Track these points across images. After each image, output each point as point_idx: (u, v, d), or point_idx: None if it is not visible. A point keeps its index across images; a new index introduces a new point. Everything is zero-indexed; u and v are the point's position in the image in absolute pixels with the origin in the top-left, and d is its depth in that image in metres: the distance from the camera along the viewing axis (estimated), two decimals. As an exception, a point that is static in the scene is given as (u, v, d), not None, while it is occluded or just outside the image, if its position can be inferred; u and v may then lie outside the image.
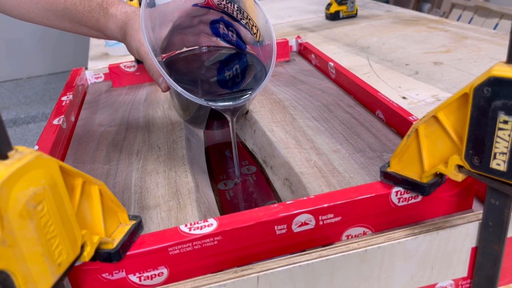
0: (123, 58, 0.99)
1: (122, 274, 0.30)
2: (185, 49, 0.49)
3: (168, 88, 0.44)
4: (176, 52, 0.49)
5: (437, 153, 0.30)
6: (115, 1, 0.49)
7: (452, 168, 0.29)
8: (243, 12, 0.44)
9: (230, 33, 0.47)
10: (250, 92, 0.42)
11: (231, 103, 0.41)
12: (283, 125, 0.52)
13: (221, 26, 0.47)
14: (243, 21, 0.45)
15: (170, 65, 0.47)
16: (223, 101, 0.41)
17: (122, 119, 0.58)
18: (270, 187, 0.47)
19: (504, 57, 0.25)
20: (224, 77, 0.46)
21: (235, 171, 0.47)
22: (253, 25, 0.44)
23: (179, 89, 0.37)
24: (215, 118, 0.46)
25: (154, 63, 0.38)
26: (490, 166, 0.26)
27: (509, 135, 0.25)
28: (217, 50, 0.50)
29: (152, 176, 0.43)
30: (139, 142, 0.51)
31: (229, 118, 0.43)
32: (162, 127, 0.54)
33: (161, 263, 0.30)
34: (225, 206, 0.46)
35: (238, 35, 0.47)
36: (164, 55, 0.47)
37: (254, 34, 0.45)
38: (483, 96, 0.25)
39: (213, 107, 0.41)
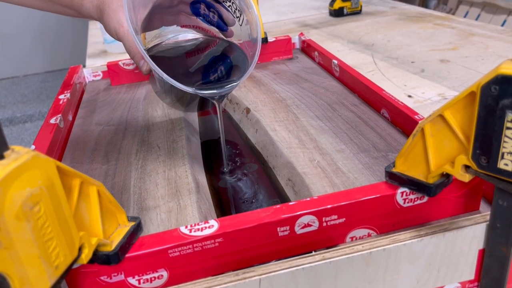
0: (122, 55, 0.99)
1: (121, 276, 0.29)
2: (164, 29, 0.49)
3: (149, 71, 0.44)
4: (157, 41, 0.48)
5: (443, 153, 0.29)
6: None
7: (458, 168, 0.28)
8: None
9: (211, 13, 0.47)
10: (236, 81, 0.42)
11: (216, 91, 0.42)
12: (286, 124, 0.51)
13: (202, 6, 0.47)
14: (226, 4, 0.45)
15: (151, 52, 0.47)
16: (209, 89, 0.42)
17: (121, 118, 0.57)
18: (272, 185, 0.46)
19: (512, 54, 0.24)
20: (207, 67, 0.46)
21: (223, 160, 0.48)
22: (236, 9, 0.45)
23: (165, 76, 0.37)
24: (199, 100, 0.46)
25: (137, 45, 0.37)
26: (498, 166, 0.26)
27: (518, 135, 0.24)
28: (199, 38, 0.50)
29: (152, 177, 0.43)
30: (138, 142, 0.50)
31: (216, 104, 0.43)
32: (161, 126, 0.53)
33: (161, 266, 0.30)
34: (226, 204, 0.45)
35: (220, 16, 0.46)
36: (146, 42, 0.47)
37: (237, 17, 0.45)
38: (491, 95, 0.25)
39: (200, 95, 0.41)
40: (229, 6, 0.45)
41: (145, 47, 0.48)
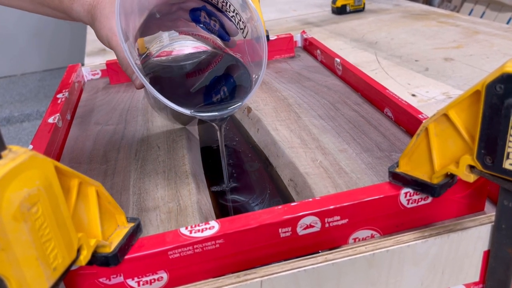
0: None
1: (120, 278, 0.29)
2: (162, 34, 0.47)
3: (142, 86, 0.42)
4: (153, 54, 0.47)
5: (448, 153, 0.29)
6: None
7: (463, 168, 0.28)
8: (229, 5, 0.43)
9: (212, 22, 0.45)
10: (239, 102, 0.41)
11: (216, 113, 0.40)
12: (288, 123, 0.51)
13: (203, 14, 0.45)
14: (229, 14, 0.43)
15: (146, 65, 0.45)
16: (209, 111, 0.40)
17: (120, 117, 0.57)
18: (274, 185, 0.46)
19: (518, 53, 0.24)
20: (209, 87, 0.45)
21: (224, 178, 0.45)
22: (240, 20, 0.43)
23: (160, 97, 0.36)
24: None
25: (129, 62, 0.35)
26: (503, 166, 0.26)
27: (524, 135, 0.24)
28: (198, 53, 0.48)
29: (151, 177, 0.43)
30: (138, 142, 0.50)
31: (217, 127, 0.42)
32: (161, 126, 0.53)
33: (161, 267, 0.29)
34: (226, 205, 0.45)
35: (222, 25, 0.45)
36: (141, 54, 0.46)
37: (241, 29, 0.43)
38: (496, 94, 0.24)
39: (198, 117, 0.40)
40: (232, 17, 0.43)
41: (142, 53, 0.47)
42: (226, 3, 0.43)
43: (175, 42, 0.49)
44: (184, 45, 0.49)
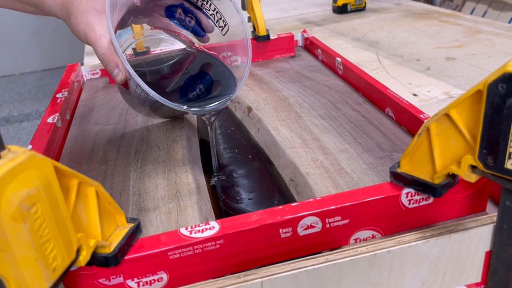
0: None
1: (120, 279, 0.29)
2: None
3: (124, 81, 0.41)
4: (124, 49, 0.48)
5: (449, 153, 0.29)
6: None
7: (465, 168, 0.28)
8: (210, 4, 0.44)
9: (187, 18, 0.46)
10: (230, 95, 0.42)
11: (197, 109, 0.41)
12: (288, 123, 0.51)
13: (178, 10, 0.46)
14: (209, 12, 0.45)
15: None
16: (200, 106, 0.41)
17: (120, 117, 0.57)
18: (274, 185, 0.46)
19: (521, 52, 0.24)
20: (187, 84, 0.46)
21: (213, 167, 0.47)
22: (220, 18, 0.44)
23: (153, 93, 0.36)
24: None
25: (120, 57, 0.36)
26: (505, 166, 0.25)
27: (527, 135, 0.24)
28: (176, 52, 0.50)
29: (151, 177, 0.42)
30: (138, 141, 0.50)
31: (206, 121, 0.43)
32: (161, 126, 0.53)
33: (161, 268, 0.29)
34: (226, 206, 0.45)
35: (198, 22, 0.46)
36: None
37: (221, 27, 0.45)
38: (498, 93, 0.24)
39: (191, 113, 0.41)
40: (211, 15, 0.45)
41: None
42: (207, 1, 0.44)
43: (147, 37, 0.50)
44: (157, 40, 0.51)
